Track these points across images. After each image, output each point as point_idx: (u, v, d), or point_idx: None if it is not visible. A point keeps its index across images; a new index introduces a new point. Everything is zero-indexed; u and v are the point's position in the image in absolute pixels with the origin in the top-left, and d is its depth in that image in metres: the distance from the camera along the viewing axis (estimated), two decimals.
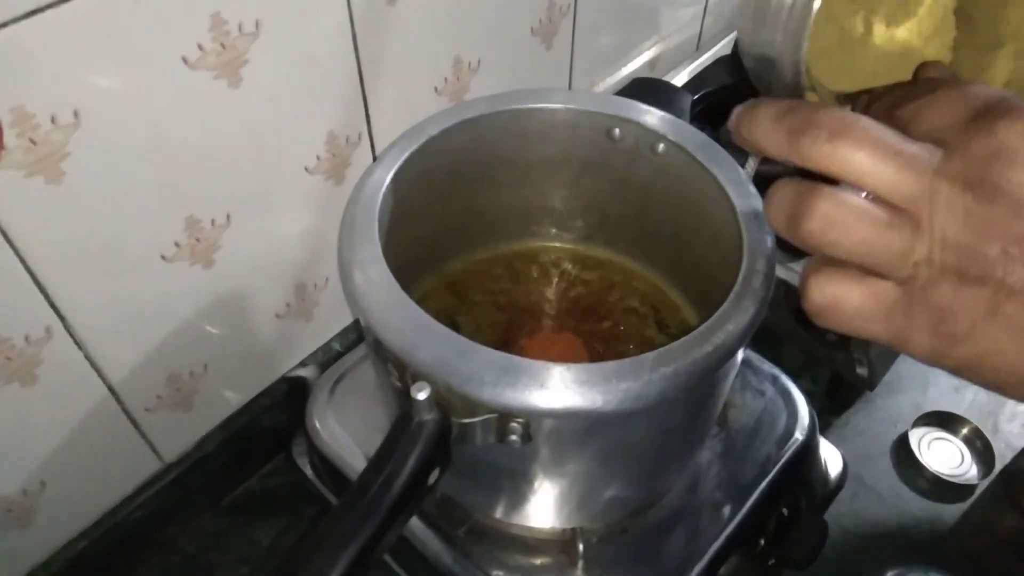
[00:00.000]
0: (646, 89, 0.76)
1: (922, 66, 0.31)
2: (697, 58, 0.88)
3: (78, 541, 0.53)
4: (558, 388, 0.34)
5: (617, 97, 0.48)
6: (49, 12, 0.34)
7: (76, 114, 0.38)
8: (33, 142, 0.37)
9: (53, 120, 0.37)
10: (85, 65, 0.37)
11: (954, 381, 0.71)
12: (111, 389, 0.49)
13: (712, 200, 0.42)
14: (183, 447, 0.57)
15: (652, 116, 0.46)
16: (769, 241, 0.38)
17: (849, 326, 0.26)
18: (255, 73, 0.44)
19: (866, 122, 0.23)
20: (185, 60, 0.41)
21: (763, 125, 0.25)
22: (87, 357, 0.46)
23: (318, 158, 0.52)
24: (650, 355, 0.35)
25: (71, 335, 0.45)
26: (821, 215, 0.23)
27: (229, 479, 0.62)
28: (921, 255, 0.23)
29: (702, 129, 0.45)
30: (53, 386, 0.45)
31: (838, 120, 0.23)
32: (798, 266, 0.57)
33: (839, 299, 0.25)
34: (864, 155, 0.23)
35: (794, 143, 0.24)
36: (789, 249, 0.27)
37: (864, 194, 0.23)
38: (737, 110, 0.27)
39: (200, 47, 0.41)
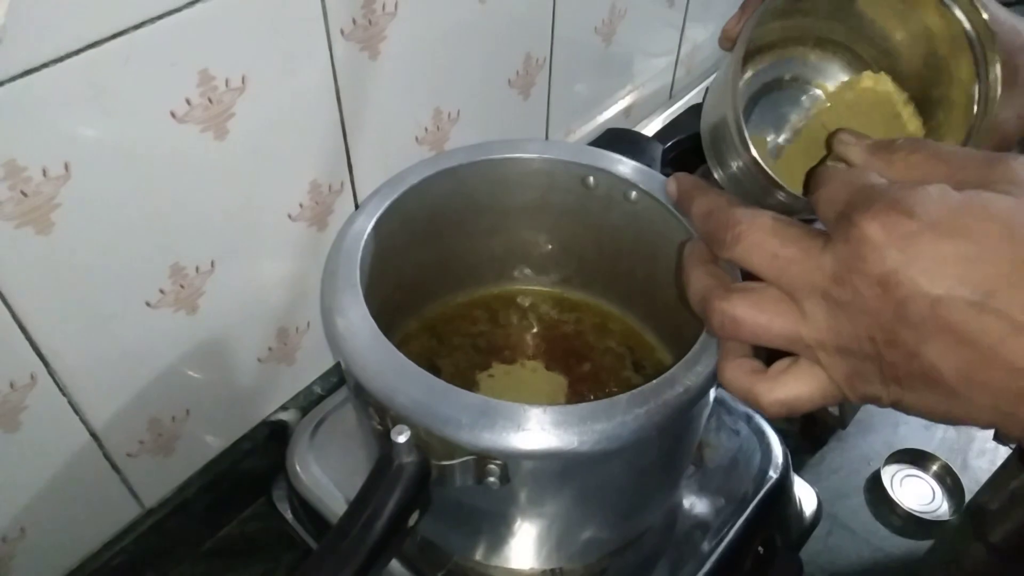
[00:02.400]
0: (619, 139, 0.79)
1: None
2: (670, 106, 0.91)
3: None
4: (535, 430, 0.35)
5: (591, 147, 0.50)
6: (44, 71, 0.36)
7: (67, 167, 0.39)
8: (24, 194, 0.38)
9: (44, 173, 0.38)
10: (77, 120, 0.38)
11: (924, 419, 0.72)
12: (93, 434, 0.49)
13: (682, 244, 0.44)
14: (164, 492, 0.57)
15: (624, 165, 0.48)
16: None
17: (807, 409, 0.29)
18: (241, 126, 0.46)
19: (764, 220, 0.28)
20: (173, 114, 0.42)
21: (696, 223, 0.32)
22: (70, 403, 0.47)
23: (301, 206, 0.53)
24: (624, 396, 0.36)
25: (55, 381, 0.45)
26: (720, 315, 0.29)
27: (209, 524, 0.62)
28: (810, 339, 0.27)
29: None
30: (36, 432, 0.45)
31: (744, 221, 0.28)
32: None
33: (793, 400, 0.28)
34: (762, 253, 0.28)
35: (713, 246, 0.30)
36: None
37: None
38: (675, 186, 0.37)
39: (188, 101, 0.42)
